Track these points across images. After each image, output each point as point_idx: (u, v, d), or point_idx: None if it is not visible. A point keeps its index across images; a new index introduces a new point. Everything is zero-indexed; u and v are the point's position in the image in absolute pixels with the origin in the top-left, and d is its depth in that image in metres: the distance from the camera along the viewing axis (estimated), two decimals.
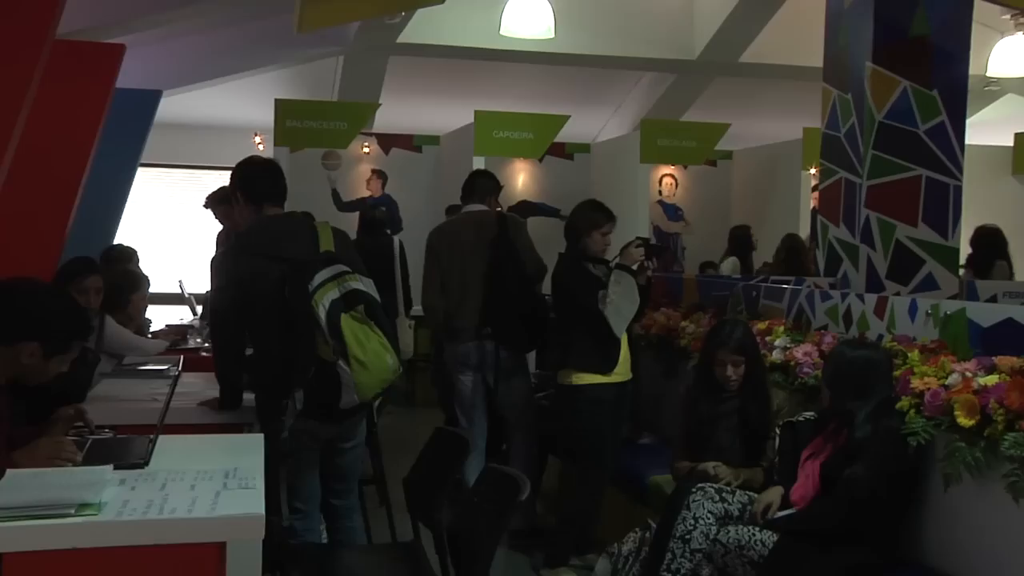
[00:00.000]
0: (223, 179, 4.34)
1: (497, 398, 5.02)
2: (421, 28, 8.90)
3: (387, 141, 10.92)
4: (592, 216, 4.64)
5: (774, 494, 3.56)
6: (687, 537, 3.50)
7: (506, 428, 5.16)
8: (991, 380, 3.04)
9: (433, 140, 10.91)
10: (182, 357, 4.07)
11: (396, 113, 10.47)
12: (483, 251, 4.93)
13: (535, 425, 5.11)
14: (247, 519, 2.35)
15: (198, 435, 3.32)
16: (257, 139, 12.24)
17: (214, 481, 2.59)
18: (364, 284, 3.45)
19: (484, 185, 5.31)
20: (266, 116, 9.34)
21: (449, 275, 5.01)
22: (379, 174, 10.92)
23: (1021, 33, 8.79)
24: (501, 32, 8.02)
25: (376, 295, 3.49)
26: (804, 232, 9.48)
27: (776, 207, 10.50)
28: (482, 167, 7.62)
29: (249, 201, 3.64)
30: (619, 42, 9.35)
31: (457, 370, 5.04)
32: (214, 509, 2.36)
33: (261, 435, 3.30)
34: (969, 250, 8.62)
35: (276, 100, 9.09)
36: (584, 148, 11.13)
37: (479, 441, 5.01)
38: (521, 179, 11.02)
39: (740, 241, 9.01)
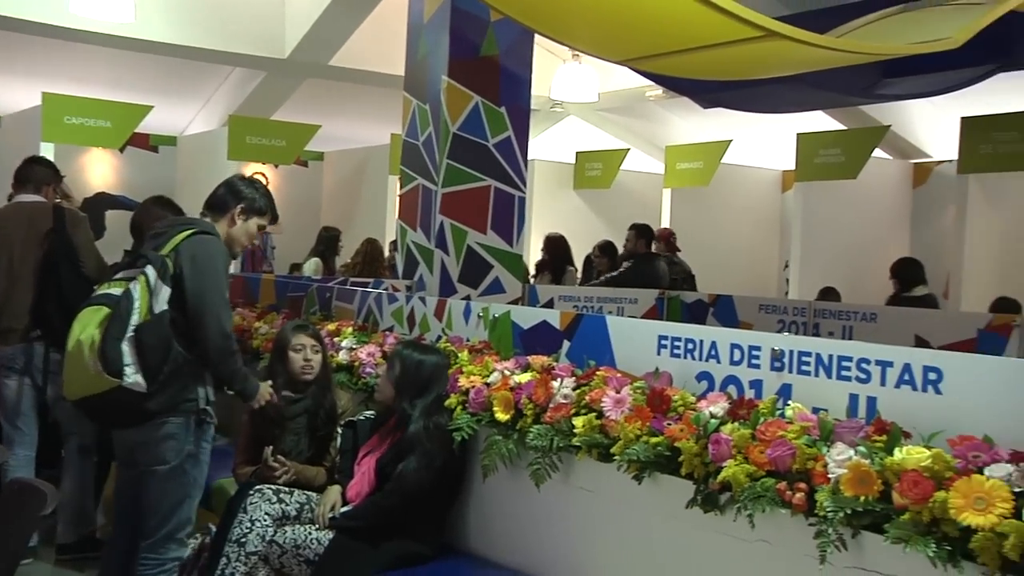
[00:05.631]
0: None
1: (48, 403, 4.65)
2: None
3: None
4: (157, 212, 4.46)
5: (334, 494, 3.64)
6: (243, 540, 3.47)
7: (60, 433, 4.81)
8: (524, 378, 3.33)
9: None
10: None
11: None
12: (34, 246, 4.55)
13: (94, 430, 4.80)
14: None
15: None
16: None
17: None
18: (129, 291, 3.33)
19: (40, 173, 4.91)
20: None
21: None
22: None
23: (577, 63, 9.73)
24: (71, 10, 7.43)
25: (129, 302, 3.32)
26: (392, 235, 9.78)
27: (365, 210, 10.74)
28: (51, 154, 7.03)
29: None
30: (206, 34, 9.04)
31: (1, 374, 4.61)
32: None
33: None
34: (541, 257, 9.43)
35: None
36: (170, 141, 10.65)
37: (28, 451, 4.62)
38: (99, 170, 10.32)
39: (327, 242, 9.11)
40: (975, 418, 2.31)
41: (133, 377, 3.26)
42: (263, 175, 11.13)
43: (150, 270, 3.35)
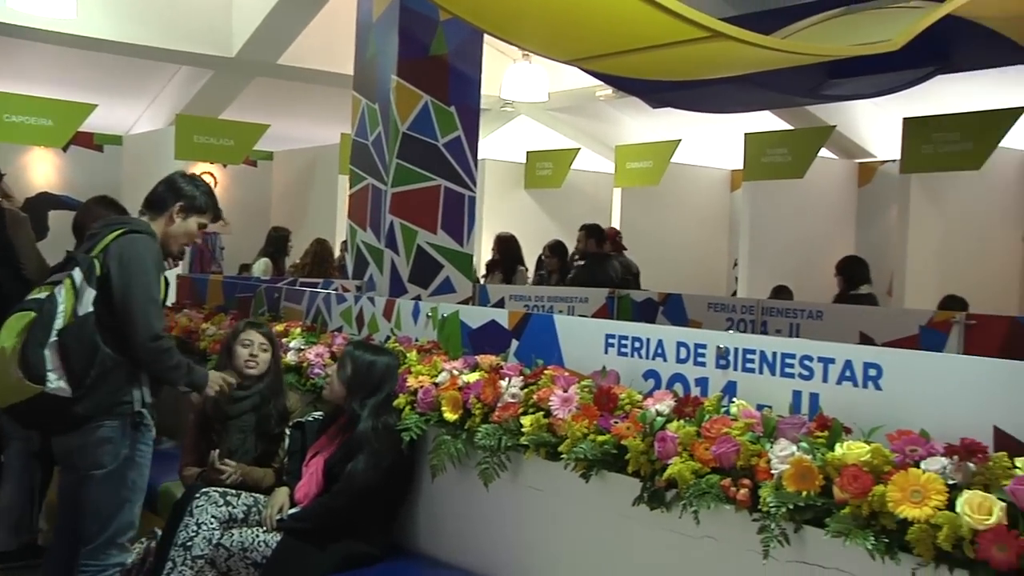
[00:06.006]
0: None
1: None
2: None
3: None
4: (100, 213, 4.38)
5: (281, 496, 3.61)
6: (189, 544, 3.43)
7: (2, 437, 4.72)
8: (473, 377, 3.34)
9: None
10: None
11: None
12: None
13: (40, 435, 4.71)
14: None
15: None
16: None
17: None
18: (54, 295, 3.25)
19: None
20: None
21: None
22: None
23: (528, 62, 9.75)
24: (9, 4, 7.27)
25: (53, 306, 3.23)
26: (342, 235, 9.73)
27: (315, 210, 10.68)
28: None
29: None
30: (151, 31, 8.91)
31: None
32: None
33: None
34: (491, 256, 9.43)
35: None
36: (116, 140, 10.50)
37: None
38: (42, 169, 10.14)
39: (276, 242, 9.04)
40: (913, 412, 2.36)
41: (56, 383, 3.20)
42: (211, 175, 11.02)
43: (76, 272, 3.28)
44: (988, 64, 6.22)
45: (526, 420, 3.02)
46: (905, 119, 7.90)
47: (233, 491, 3.67)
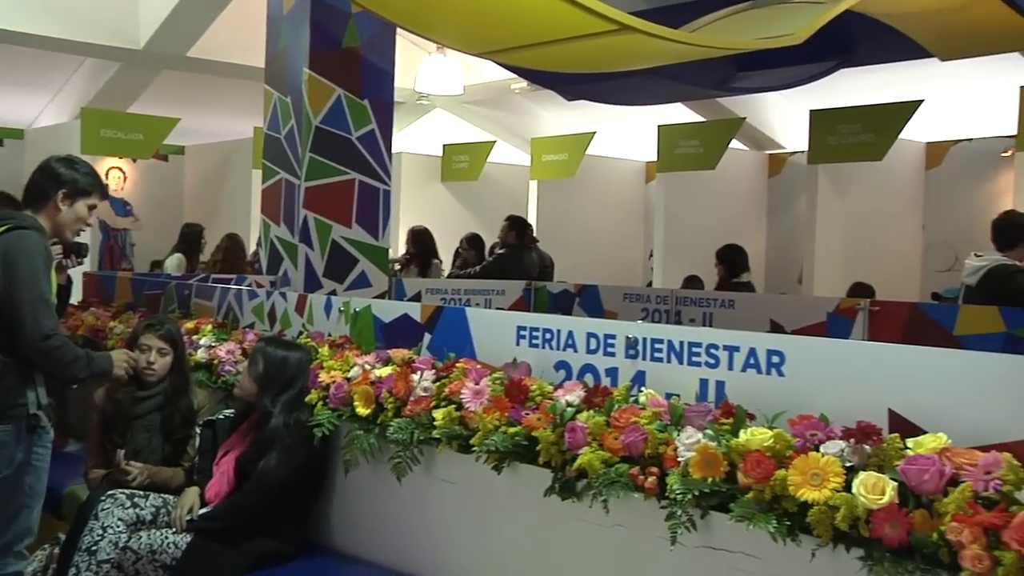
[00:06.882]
0: None
1: None
2: None
3: None
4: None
5: (191, 495, 3.55)
6: (94, 548, 3.34)
7: None
8: (385, 372, 3.33)
9: None
10: None
11: None
12: None
13: None
14: None
15: None
16: None
17: None
18: None
19: None
20: None
21: None
22: None
23: (442, 55, 9.72)
24: None
25: None
26: (257, 230, 9.58)
27: (228, 205, 10.50)
28: None
29: None
30: (53, 22, 8.62)
31: None
32: None
33: None
34: (406, 249, 9.38)
35: None
36: (17, 134, 10.18)
37: None
38: None
39: (189, 239, 8.86)
40: (814, 397, 2.43)
41: None
42: (120, 169, 10.77)
43: None
44: (888, 58, 6.39)
45: (438, 413, 3.02)
46: (812, 111, 8.08)
47: (141, 492, 3.59)
